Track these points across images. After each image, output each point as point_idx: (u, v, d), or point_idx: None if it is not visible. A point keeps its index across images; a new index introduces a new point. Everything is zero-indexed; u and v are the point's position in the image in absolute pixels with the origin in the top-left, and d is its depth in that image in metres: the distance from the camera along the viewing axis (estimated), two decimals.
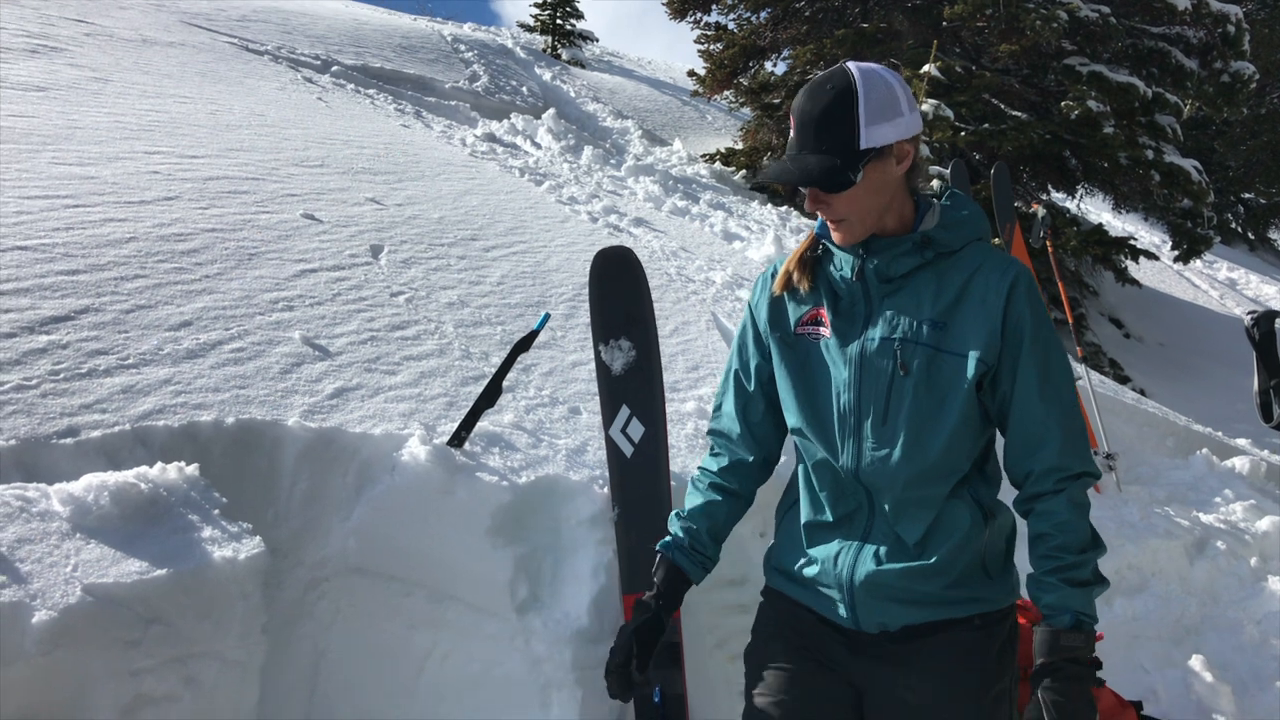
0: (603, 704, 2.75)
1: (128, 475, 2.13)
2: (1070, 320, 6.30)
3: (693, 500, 2.28)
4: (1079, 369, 5.79)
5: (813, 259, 2.17)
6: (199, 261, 3.51)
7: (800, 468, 2.22)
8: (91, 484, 2.06)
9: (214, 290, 3.33)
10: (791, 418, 2.19)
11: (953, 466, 2.05)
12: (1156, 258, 14.11)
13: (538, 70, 14.03)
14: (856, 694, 2.17)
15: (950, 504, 2.06)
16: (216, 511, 2.17)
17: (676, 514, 2.28)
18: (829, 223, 2.09)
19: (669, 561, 2.23)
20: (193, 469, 2.25)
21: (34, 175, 3.91)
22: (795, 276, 2.15)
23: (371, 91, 9.10)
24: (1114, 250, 11.37)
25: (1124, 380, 10.69)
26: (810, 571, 2.16)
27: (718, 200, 9.20)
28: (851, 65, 2.02)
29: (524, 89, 12.46)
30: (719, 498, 2.25)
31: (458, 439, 2.85)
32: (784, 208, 10.23)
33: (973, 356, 1.99)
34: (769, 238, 7.36)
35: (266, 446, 2.65)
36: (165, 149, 4.80)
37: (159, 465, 2.22)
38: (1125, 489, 5.30)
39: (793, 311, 2.18)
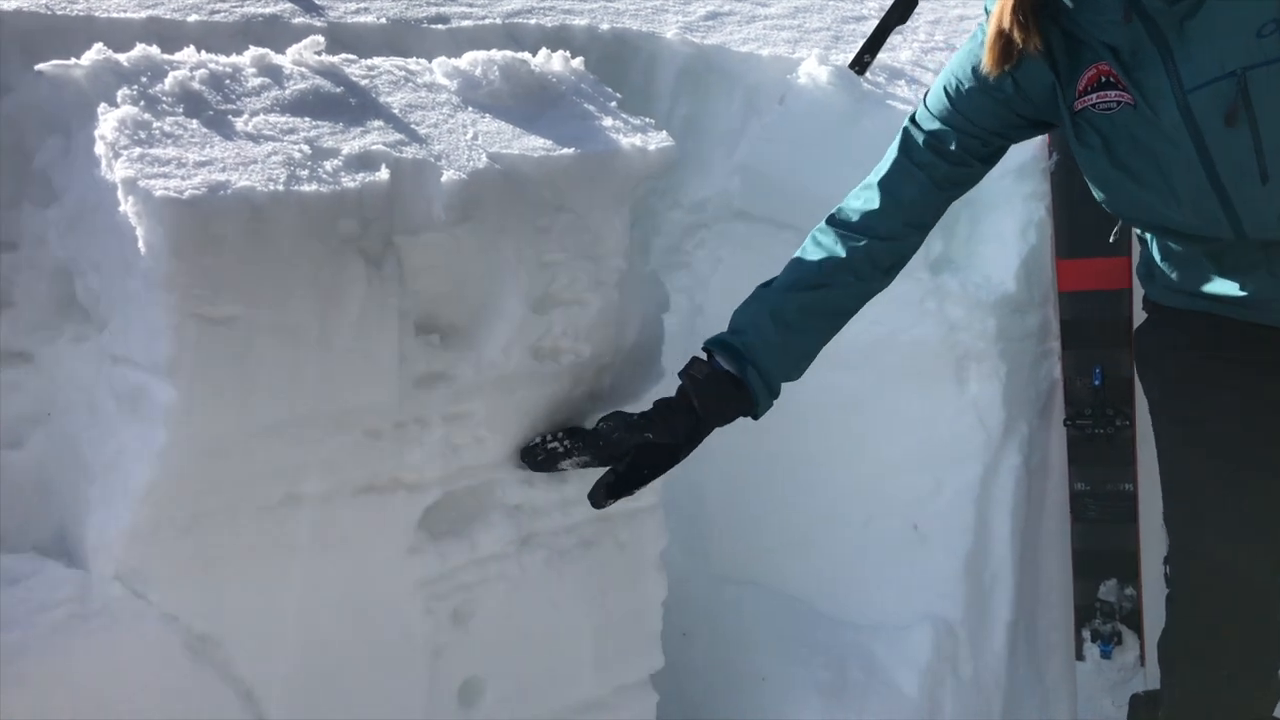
0: (1029, 385, 2.32)
1: (514, 55, 1.79)
2: None
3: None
4: None
5: (1036, 6, 1.49)
6: None
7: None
8: (478, 59, 1.73)
9: None
10: (1121, 208, 1.63)
11: None
12: None
13: None
14: None
15: None
16: (614, 104, 1.81)
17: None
18: None
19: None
20: (577, 61, 1.88)
21: None
22: (1020, 38, 1.51)
23: None
24: None
25: None
26: (1226, 290, 1.66)
27: None
28: None
29: None
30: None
31: (859, 63, 2.36)
32: None
33: None
34: None
35: (643, 61, 2.28)
36: None
37: (543, 52, 1.86)
38: None
39: (1062, 77, 1.53)
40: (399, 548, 1.49)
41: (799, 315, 1.66)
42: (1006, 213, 2.29)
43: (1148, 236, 1.78)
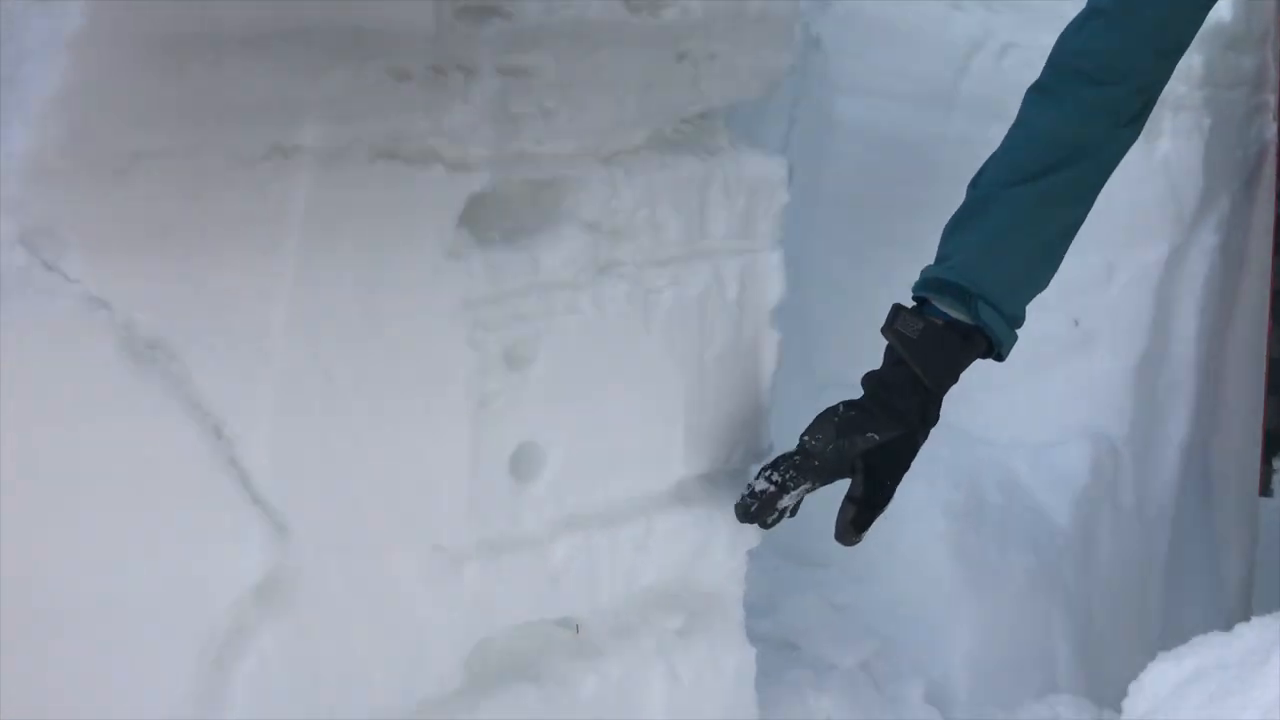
0: (1236, 146, 1.84)
1: None
2: None
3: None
4: None
5: None
6: None
7: None
8: None
9: None
10: None
11: None
12: None
13: None
14: None
15: None
16: None
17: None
18: None
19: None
20: None
21: None
22: None
23: None
24: None
25: None
26: None
27: None
28: None
29: None
30: None
31: None
32: None
33: None
34: None
35: None
36: None
37: None
38: None
39: None
40: (433, 246, 1.06)
41: (1032, 213, 1.24)
42: None
43: None
